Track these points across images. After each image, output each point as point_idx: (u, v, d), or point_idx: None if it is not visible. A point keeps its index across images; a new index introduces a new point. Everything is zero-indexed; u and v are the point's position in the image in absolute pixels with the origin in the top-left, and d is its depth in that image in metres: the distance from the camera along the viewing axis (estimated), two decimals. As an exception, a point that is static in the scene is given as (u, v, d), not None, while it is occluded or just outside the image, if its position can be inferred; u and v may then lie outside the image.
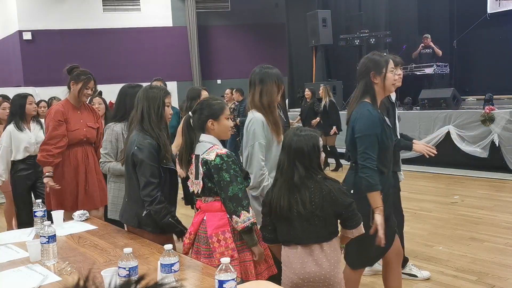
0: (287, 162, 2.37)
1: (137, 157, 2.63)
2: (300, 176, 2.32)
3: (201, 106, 2.60)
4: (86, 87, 3.74)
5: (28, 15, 13.04)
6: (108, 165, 3.45)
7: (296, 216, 2.32)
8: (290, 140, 2.38)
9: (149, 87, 2.88)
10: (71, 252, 2.51)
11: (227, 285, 1.67)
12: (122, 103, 3.43)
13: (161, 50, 13.71)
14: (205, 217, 2.53)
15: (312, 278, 2.32)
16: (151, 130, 2.70)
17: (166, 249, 1.89)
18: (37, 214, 2.79)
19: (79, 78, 3.72)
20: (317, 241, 2.34)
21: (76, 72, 3.75)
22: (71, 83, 3.75)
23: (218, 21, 15.07)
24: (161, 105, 2.76)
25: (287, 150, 2.38)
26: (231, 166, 2.45)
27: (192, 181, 2.57)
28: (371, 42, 11.32)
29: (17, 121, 4.57)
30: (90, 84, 3.76)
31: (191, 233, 2.57)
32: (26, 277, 2.17)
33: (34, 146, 4.56)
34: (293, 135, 2.39)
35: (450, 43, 11.30)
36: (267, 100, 2.93)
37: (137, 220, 2.73)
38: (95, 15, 13.67)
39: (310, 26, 12.16)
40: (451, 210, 5.59)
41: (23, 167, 4.60)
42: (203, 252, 2.51)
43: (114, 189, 3.45)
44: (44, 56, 12.87)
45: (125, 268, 1.84)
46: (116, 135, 3.40)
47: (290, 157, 2.36)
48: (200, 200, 2.58)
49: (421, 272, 3.75)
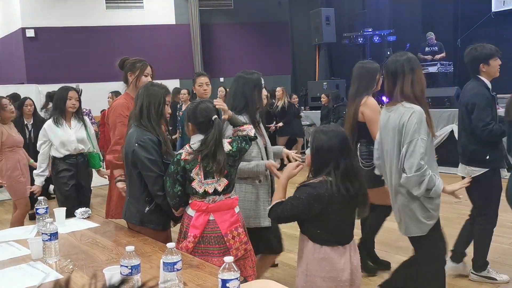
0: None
1: (140, 154, 2.61)
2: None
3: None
4: (144, 74, 3.40)
5: (31, 12, 13.02)
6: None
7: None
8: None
9: (151, 84, 2.86)
10: (73, 250, 2.50)
11: (231, 284, 1.65)
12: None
13: (163, 48, 13.67)
14: (212, 217, 2.50)
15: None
16: (149, 126, 2.68)
17: (168, 248, 1.87)
18: (39, 211, 2.78)
19: (134, 67, 3.41)
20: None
21: (130, 63, 3.45)
22: (128, 75, 3.42)
23: (221, 19, 15.03)
24: (162, 103, 2.74)
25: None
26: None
27: (202, 182, 2.49)
28: (375, 41, 11.29)
29: (56, 116, 4.18)
30: (147, 70, 3.42)
31: (196, 236, 2.49)
32: (28, 274, 2.16)
33: (73, 145, 4.19)
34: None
35: (454, 42, 11.25)
36: (420, 89, 2.72)
37: (139, 218, 2.72)
38: (98, 13, 13.64)
39: (313, 24, 12.12)
40: (455, 210, 5.55)
41: (64, 168, 4.18)
42: (215, 252, 2.49)
43: (240, 191, 3.00)
44: (47, 54, 12.86)
45: (127, 266, 1.83)
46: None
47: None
48: (201, 201, 2.50)
49: (500, 275, 3.65)
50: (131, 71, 3.41)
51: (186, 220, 2.58)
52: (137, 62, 3.43)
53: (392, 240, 4.49)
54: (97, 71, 12.49)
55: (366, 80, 3.69)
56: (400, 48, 11.23)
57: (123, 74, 3.47)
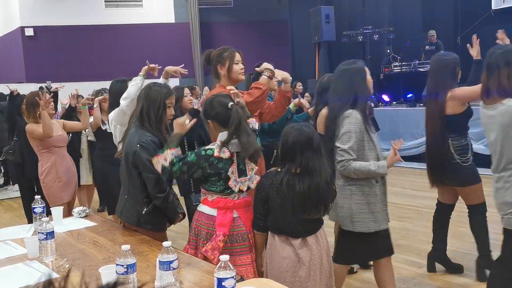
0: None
1: (142, 156, 2.60)
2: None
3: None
4: (234, 62, 3.09)
5: (30, 11, 13.01)
6: (354, 165, 2.67)
7: None
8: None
9: (152, 84, 2.80)
10: (69, 249, 2.49)
11: (226, 283, 1.64)
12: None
13: (163, 47, 13.65)
14: (236, 214, 2.48)
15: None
16: (151, 129, 2.67)
17: (164, 246, 1.86)
18: (36, 210, 2.77)
19: (222, 58, 3.11)
20: None
21: (216, 55, 3.15)
22: (218, 67, 3.12)
23: (221, 18, 15.01)
24: (162, 107, 2.69)
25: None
26: None
27: (237, 180, 2.46)
28: (375, 39, 11.28)
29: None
30: (236, 57, 3.11)
31: (226, 235, 2.43)
32: (24, 274, 2.15)
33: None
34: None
35: (454, 40, 11.22)
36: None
37: (136, 218, 2.71)
38: (97, 11, 13.62)
39: (313, 22, 12.10)
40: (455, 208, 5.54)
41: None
42: (241, 249, 2.47)
43: (354, 193, 2.76)
44: (46, 52, 12.84)
45: (123, 265, 1.81)
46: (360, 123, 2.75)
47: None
48: (226, 198, 2.47)
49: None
50: (221, 63, 3.12)
51: (203, 220, 2.48)
52: (223, 52, 3.13)
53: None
54: (96, 70, 12.47)
55: (443, 74, 3.47)
56: (400, 46, 11.23)
57: (211, 69, 3.18)
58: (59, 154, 4.29)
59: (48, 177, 4.21)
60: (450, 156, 3.45)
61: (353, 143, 2.66)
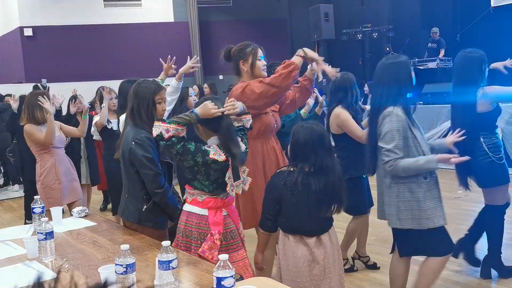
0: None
1: (137, 152, 2.59)
2: None
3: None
4: (257, 58, 2.99)
5: (29, 11, 12.99)
6: (402, 164, 2.60)
7: None
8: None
9: (141, 81, 2.77)
10: (69, 249, 2.49)
11: (226, 282, 1.63)
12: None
13: (162, 46, 13.62)
14: (225, 213, 2.49)
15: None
16: (144, 127, 2.66)
17: (163, 246, 1.86)
18: (35, 210, 2.76)
19: (244, 53, 3.00)
20: None
21: (237, 50, 3.04)
22: (240, 64, 3.02)
23: (220, 17, 15.00)
24: (151, 104, 2.67)
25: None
26: None
27: (233, 185, 2.44)
28: (374, 37, 11.27)
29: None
30: (259, 52, 3.01)
31: (221, 232, 2.43)
32: (23, 274, 2.14)
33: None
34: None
35: (454, 37, 11.23)
36: None
37: (137, 216, 2.71)
38: (96, 11, 13.61)
39: (312, 20, 12.10)
40: (455, 205, 5.54)
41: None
42: (235, 245, 2.49)
43: (403, 191, 2.71)
44: (45, 52, 12.83)
45: (122, 265, 1.81)
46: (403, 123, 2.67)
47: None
48: (216, 198, 2.46)
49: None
50: (243, 59, 3.01)
51: (194, 220, 2.46)
52: (245, 47, 3.02)
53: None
54: (95, 70, 12.46)
55: (470, 71, 3.44)
56: (400, 44, 11.22)
57: (232, 65, 3.07)
58: (58, 155, 4.24)
59: (47, 178, 4.14)
60: (483, 154, 3.40)
61: (397, 142, 2.59)
